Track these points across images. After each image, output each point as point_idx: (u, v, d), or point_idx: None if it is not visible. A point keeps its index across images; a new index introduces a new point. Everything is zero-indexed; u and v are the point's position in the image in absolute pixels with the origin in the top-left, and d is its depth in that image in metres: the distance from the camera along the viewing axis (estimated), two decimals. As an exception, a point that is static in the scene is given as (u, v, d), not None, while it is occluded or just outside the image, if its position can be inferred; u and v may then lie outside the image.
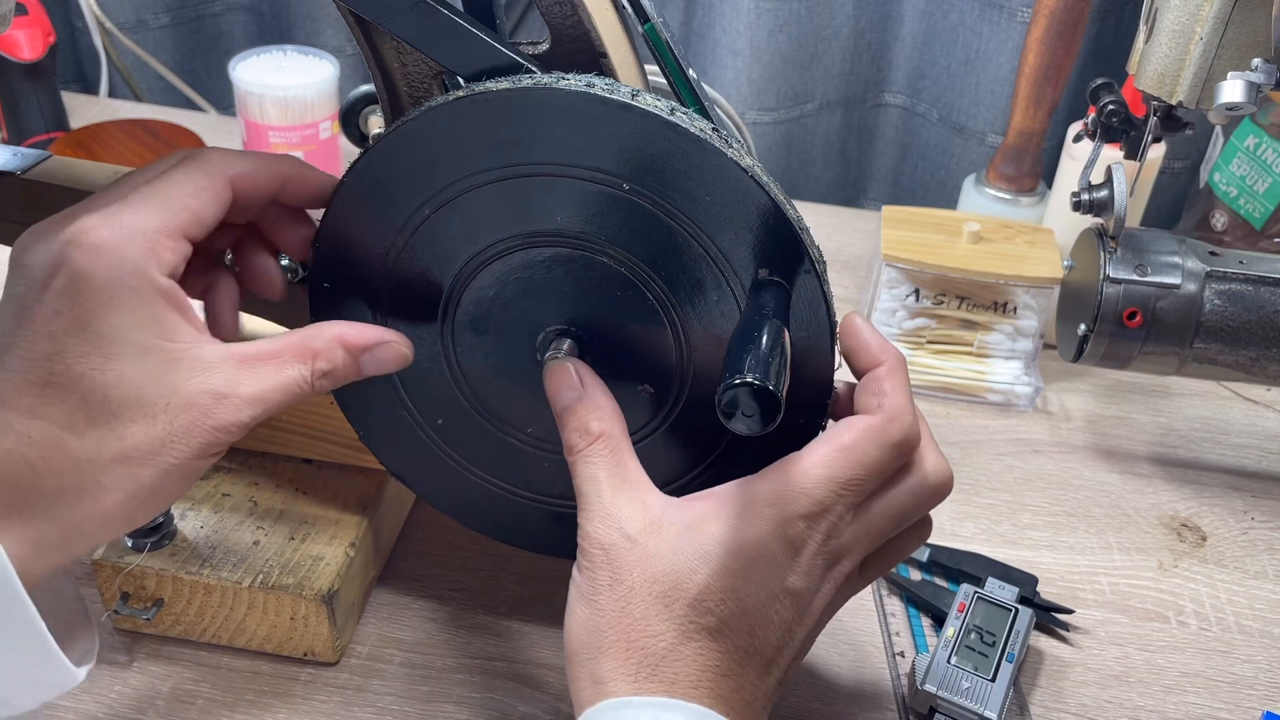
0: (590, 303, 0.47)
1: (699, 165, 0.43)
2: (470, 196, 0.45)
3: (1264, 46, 0.59)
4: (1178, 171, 1.05)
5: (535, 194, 0.44)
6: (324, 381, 0.44)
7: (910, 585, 0.64)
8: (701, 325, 0.47)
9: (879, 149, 1.15)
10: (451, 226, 0.46)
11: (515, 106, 0.42)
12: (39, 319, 0.39)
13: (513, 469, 0.53)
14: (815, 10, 1.03)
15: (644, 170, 0.43)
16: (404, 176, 0.45)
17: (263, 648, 0.57)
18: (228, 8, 1.19)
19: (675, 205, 0.44)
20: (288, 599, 0.55)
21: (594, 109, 0.42)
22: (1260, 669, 0.62)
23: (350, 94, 0.70)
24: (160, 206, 0.42)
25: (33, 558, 0.39)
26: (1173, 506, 0.73)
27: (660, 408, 0.49)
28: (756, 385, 0.38)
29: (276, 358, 0.43)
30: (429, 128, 0.44)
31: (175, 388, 0.40)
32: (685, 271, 0.45)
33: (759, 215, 0.44)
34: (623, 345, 0.48)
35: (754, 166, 0.43)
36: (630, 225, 0.44)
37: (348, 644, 0.58)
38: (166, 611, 0.57)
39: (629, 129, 0.42)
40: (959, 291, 0.79)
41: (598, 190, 0.44)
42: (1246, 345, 0.68)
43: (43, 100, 1.02)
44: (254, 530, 0.58)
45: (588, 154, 0.43)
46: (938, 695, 0.55)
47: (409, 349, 0.47)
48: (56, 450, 0.39)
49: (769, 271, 0.45)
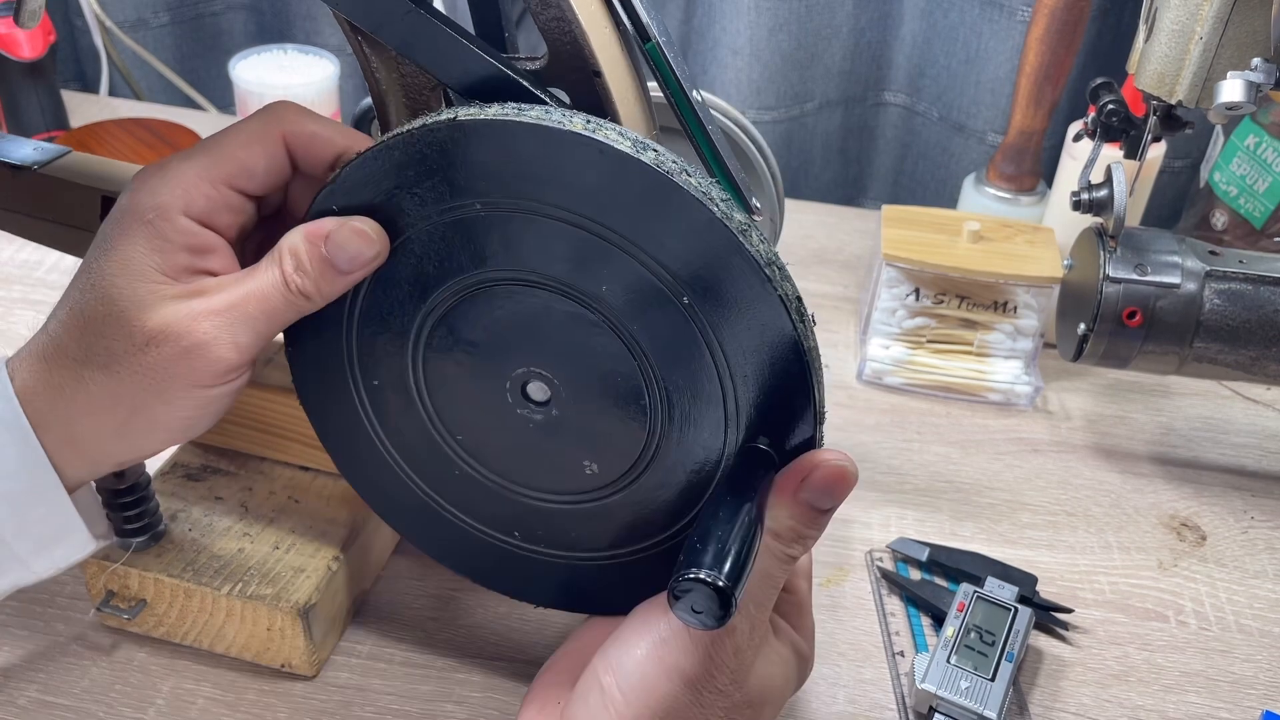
0: (582, 366, 0.44)
1: (758, 309, 0.40)
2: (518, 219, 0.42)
3: (1264, 46, 0.59)
4: (1178, 171, 1.05)
5: (587, 249, 0.41)
6: (299, 278, 0.43)
7: (910, 585, 0.64)
8: (680, 436, 0.44)
9: (879, 148, 1.15)
10: (463, 244, 0.44)
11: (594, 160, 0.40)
12: (96, 238, 0.45)
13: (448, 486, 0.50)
14: (815, 9, 1.03)
15: (706, 290, 0.40)
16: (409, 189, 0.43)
17: (241, 655, 0.57)
18: (228, 6, 1.19)
19: (718, 333, 0.41)
20: (264, 609, 0.54)
21: (689, 212, 0.39)
22: (1260, 668, 0.62)
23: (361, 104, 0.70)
24: (207, 154, 0.44)
25: None
26: (1172, 506, 0.73)
27: (607, 485, 0.47)
28: (719, 586, 0.36)
29: (252, 270, 0.44)
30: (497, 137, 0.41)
31: (155, 311, 0.42)
32: (690, 384, 0.43)
33: (792, 386, 0.41)
34: (593, 418, 0.45)
35: (808, 334, 0.41)
36: (665, 327, 0.42)
37: (326, 658, 0.58)
38: (149, 613, 0.56)
39: (708, 244, 0.39)
40: (959, 291, 0.79)
41: (649, 280, 0.41)
42: (1246, 344, 0.68)
43: (43, 99, 1.02)
44: (240, 537, 0.57)
45: (652, 244, 0.40)
46: (937, 695, 0.55)
47: (378, 241, 0.43)
48: (60, 348, 0.44)
49: (769, 442, 0.43)
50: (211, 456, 0.62)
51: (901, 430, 0.78)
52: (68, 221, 0.57)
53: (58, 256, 0.88)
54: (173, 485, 0.60)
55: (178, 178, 0.44)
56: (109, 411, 0.44)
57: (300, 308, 0.44)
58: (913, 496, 0.72)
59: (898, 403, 0.81)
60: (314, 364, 0.49)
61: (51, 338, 0.44)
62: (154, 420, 0.45)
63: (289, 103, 0.47)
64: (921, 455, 0.76)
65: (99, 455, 0.46)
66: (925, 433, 0.78)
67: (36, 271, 0.88)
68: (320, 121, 0.46)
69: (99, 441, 0.45)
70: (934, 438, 0.78)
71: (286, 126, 0.46)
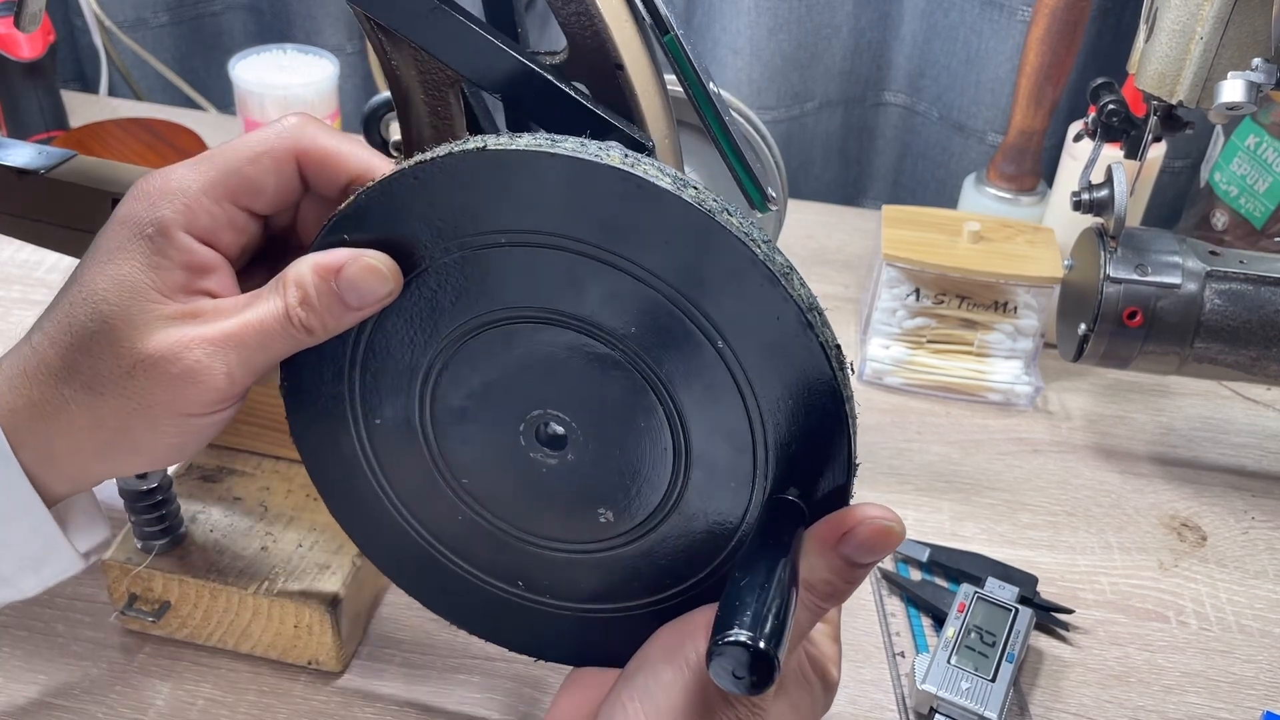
0: (603, 409, 0.42)
1: (796, 355, 0.38)
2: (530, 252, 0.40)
3: (1264, 46, 0.59)
4: (1178, 171, 1.05)
5: (617, 287, 0.39)
6: (303, 311, 0.41)
7: (910, 585, 0.64)
8: (704, 484, 0.42)
9: (879, 148, 1.15)
10: (481, 276, 0.41)
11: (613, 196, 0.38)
12: (90, 248, 0.42)
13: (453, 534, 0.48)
14: (815, 9, 1.03)
15: (743, 334, 0.39)
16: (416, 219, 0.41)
17: (267, 654, 0.57)
18: (227, 6, 1.19)
19: (752, 379, 0.39)
20: (292, 607, 0.54)
21: (730, 253, 0.37)
22: (1260, 669, 0.62)
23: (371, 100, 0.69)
24: (214, 167, 0.42)
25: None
26: (1173, 506, 0.73)
27: (622, 534, 0.45)
28: (761, 650, 0.34)
29: (253, 298, 0.42)
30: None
31: (148, 332, 0.40)
32: (719, 431, 0.41)
33: (827, 436, 0.40)
34: (612, 464, 0.43)
35: (845, 383, 0.39)
36: (696, 371, 0.40)
37: (354, 653, 0.58)
38: (173, 614, 0.56)
39: (748, 287, 0.38)
40: (959, 291, 0.79)
41: (682, 322, 0.39)
42: (1247, 345, 0.68)
43: (42, 99, 1.02)
44: (263, 536, 0.57)
45: (689, 285, 0.38)
46: (938, 695, 0.55)
47: (392, 279, 0.41)
48: (43, 362, 0.41)
49: (799, 493, 0.41)
50: (227, 457, 0.62)
51: (901, 430, 0.78)
52: (78, 225, 0.57)
53: (57, 257, 0.88)
54: (190, 487, 0.60)
55: (181, 191, 0.41)
56: (90, 433, 0.41)
57: (301, 341, 0.42)
58: (913, 497, 0.72)
59: (898, 403, 0.81)
60: (311, 399, 0.46)
61: (35, 350, 0.42)
62: (137, 445, 0.42)
63: (306, 117, 0.44)
64: (922, 455, 0.76)
65: (79, 474, 0.43)
66: (925, 433, 0.78)
67: (36, 272, 0.88)
68: (338, 139, 0.43)
69: (78, 461, 0.43)
70: (934, 438, 0.78)
71: (301, 144, 0.43)
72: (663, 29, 0.45)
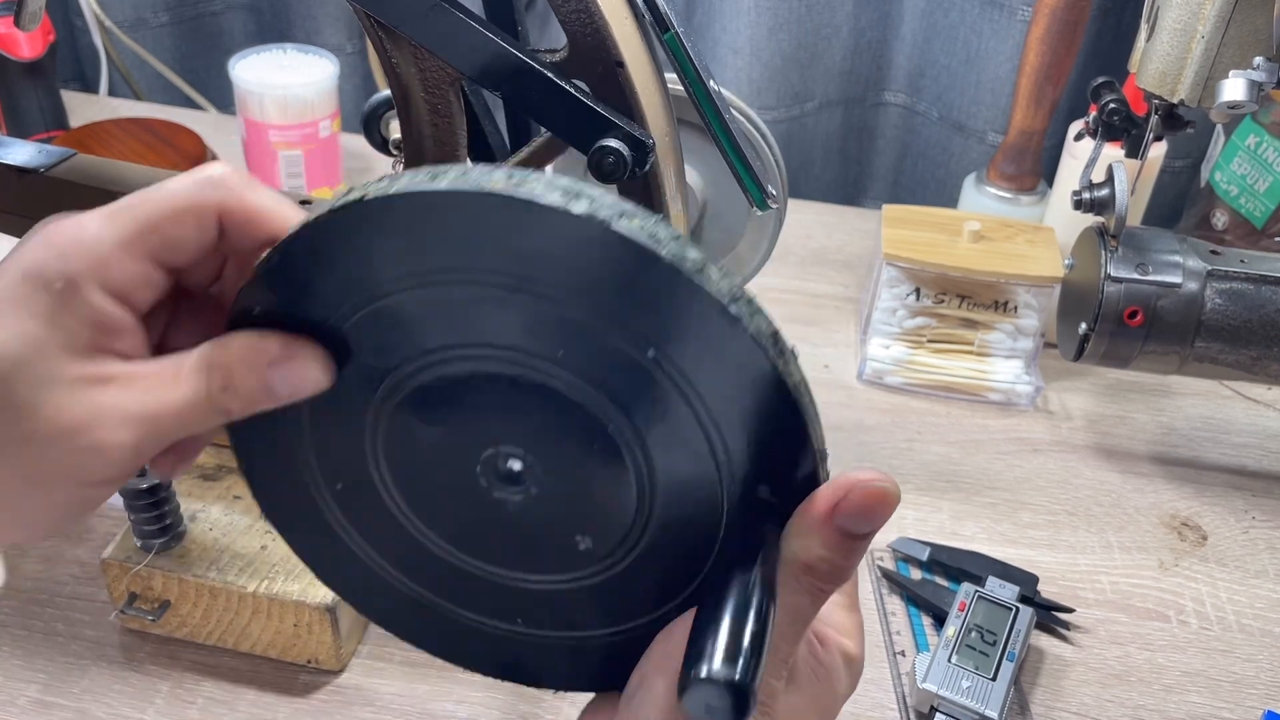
0: (551, 436, 0.41)
1: (730, 350, 0.37)
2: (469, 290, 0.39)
3: (1265, 45, 0.59)
4: (1179, 170, 1.05)
5: (533, 313, 0.38)
6: (227, 398, 0.39)
7: (911, 584, 0.64)
8: (671, 495, 0.41)
9: (879, 148, 1.15)
10: (427, 312, 0.40)
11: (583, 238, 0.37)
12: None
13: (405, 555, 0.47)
14: (815, 9, 1.03)
15: (670, 339, 0.37)
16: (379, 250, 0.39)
17: (267, 653, 0.57)
18: (227, 6, 1.19)
19: (693, 383, 0.38)
20: (291, 606, 0.54)
21: (634, 258, 0.36)
22: (1261, 668, 0.62)
23: (371, 99, 0.69)
24: (133, 220, 0.39)
25: None
26: (1173, 506, 0.73)
27: (605, 557, 0.44)
28: (734, 683, 0.33)
29: (173, 374, 0.39)
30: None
31: (50, 396, 0.37)
32: (673, 439, 0.40)
33: (783, 427, 0.39)
34: (574, 490, 0.42)
35: (809, 405, 0.38)
36: (634, 384, 0.39)
37: (353, 652, 0.58)
38: (173, 613, 0.56)
39: (661, 290, 0.36)
40: (960, 290, 0.79)
41: (606, 337, 0.38)
42: (1247, 344, 0.68)
43: (42, 99, 1.02)
44: (263, 534, 0.57)
45: (600, 298, 0.37)
46: (939, 694, 0.55)
47: (324, 369, 0.40)
48: None
49: (770, 490, 0.40)
50: (226, 455, 0.62)
51: (902, 430, 0.78)
52: None
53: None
54: (189, 486, 0.60)
55: (95, 245, 0.38)
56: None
57: (219, 423, 0.39)
58: (914, 496, 0.72)
59: (898, 402, 0.81)
60: (273, 478, 0.45)
61: None
62: (19, 517, 0.39)
63: (231, 173, 0.41)
64: (922, 455, 0.76)
65: None
66: (925, 433, 0.78)
67: (36, 271, 0.87)
68: (262, 196, 0.40)
69: None
70: (934, 438, 0.77)
71: (225, 201, 0.40)
72: (663, 26, 0.46)
